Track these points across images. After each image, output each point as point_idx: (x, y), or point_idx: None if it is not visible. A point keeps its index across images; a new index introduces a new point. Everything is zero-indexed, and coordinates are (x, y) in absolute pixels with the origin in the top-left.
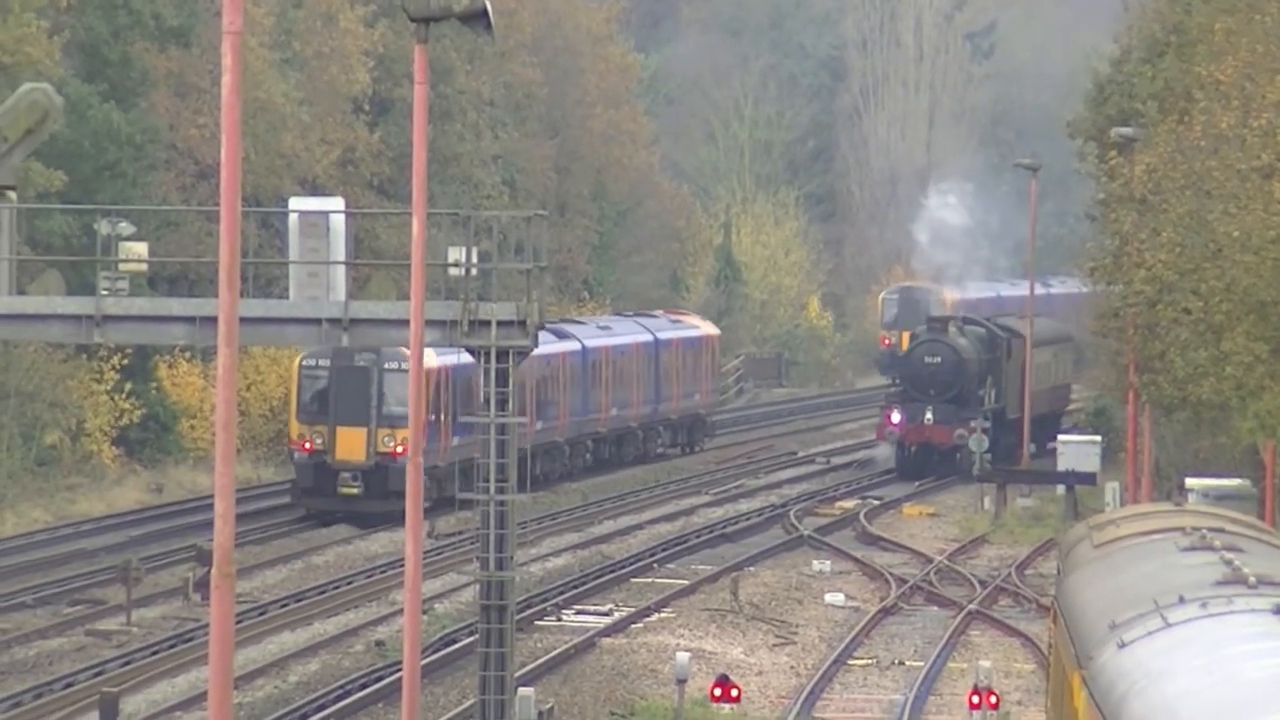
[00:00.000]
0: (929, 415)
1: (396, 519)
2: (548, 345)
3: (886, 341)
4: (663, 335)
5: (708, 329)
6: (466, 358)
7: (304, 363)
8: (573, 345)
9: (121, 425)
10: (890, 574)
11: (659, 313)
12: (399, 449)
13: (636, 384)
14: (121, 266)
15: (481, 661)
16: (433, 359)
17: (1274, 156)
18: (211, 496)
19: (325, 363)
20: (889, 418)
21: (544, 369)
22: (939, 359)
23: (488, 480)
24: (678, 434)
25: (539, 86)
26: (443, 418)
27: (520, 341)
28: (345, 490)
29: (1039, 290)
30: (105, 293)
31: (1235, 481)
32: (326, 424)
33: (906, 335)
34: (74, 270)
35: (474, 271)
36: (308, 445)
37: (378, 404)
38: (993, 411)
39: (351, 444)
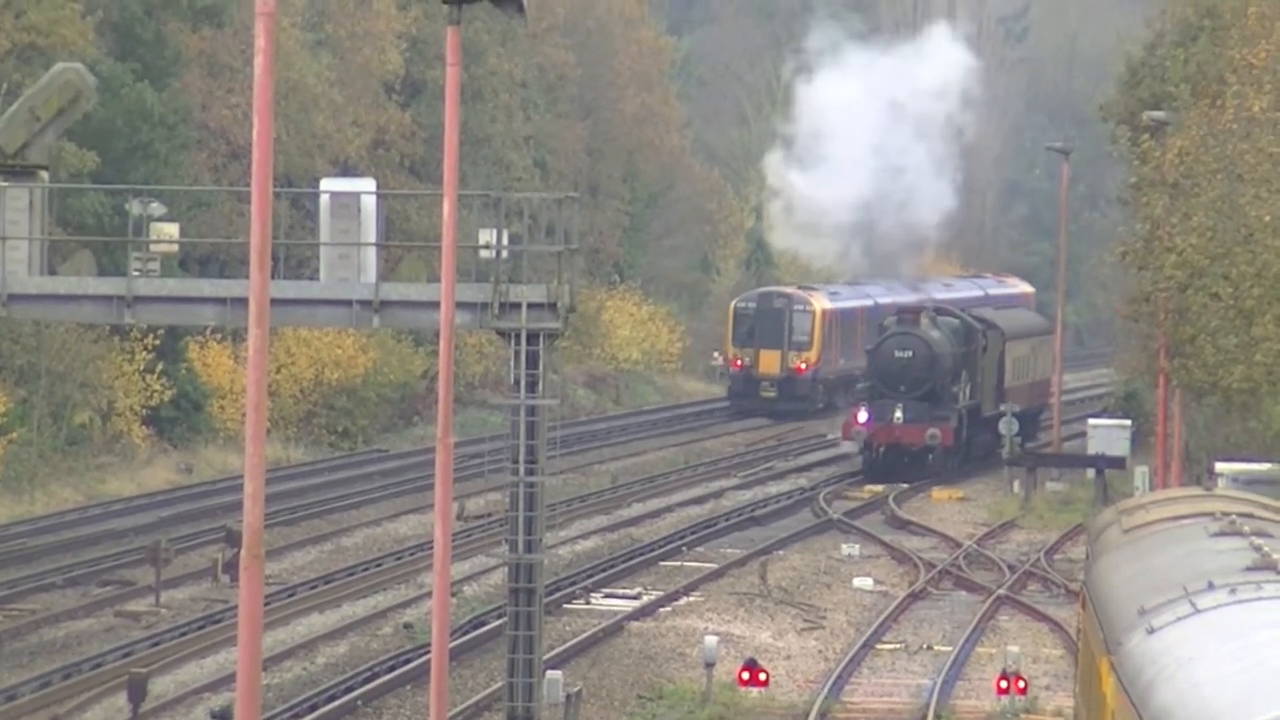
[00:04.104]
0: (898, 414)
1: (802, 415)
2: (904, 296)
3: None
4: (991, 291)
5: (1024, 288)
6: (848, 302)
7: (737, 305)
8: (922, 298)
9: (152, 405)
10: (919, 558)
11: (988, 274)
12: (802, 365)
13: None
14: (153, 247)
15: (510, 644)
16: (825, 302)
17: None
18: (241, 477)
19: (752, 304)
20: (855, 416)
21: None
22: (910, 353)
23: (517, 462)
24: None
25: (571, 68)
26: (832, 346)
27: (551, 324)
28: (765, 395)
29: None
30: (136, 273)
31: (1266, 466)
32: (752, 347)
33: None
34: (105, 251)
35: (505, 254)
36: (739, 363)
37: (789, 333)
38: (967, 409)
39: (770, 361)
